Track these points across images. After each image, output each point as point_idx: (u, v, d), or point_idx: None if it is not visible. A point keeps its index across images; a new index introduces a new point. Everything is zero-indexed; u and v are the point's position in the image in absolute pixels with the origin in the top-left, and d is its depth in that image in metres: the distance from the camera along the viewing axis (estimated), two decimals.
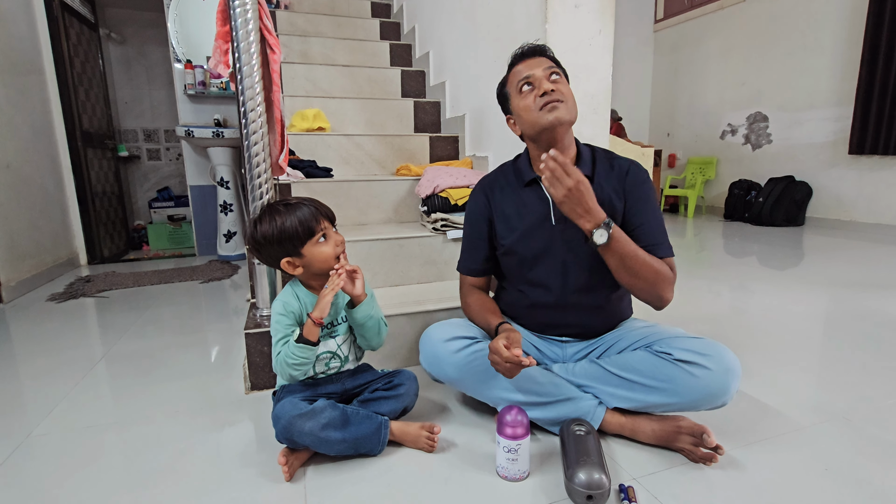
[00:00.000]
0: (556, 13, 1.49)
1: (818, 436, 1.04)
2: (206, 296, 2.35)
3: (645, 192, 1.06)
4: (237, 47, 1.23)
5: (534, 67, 1.05)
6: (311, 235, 0.99)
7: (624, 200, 1.06)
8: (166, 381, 1.39)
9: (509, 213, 1.13)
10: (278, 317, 1.01)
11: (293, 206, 1.00)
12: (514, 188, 1.15)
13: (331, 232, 1.02)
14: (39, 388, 1.36)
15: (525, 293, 1.14)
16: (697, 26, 5.10)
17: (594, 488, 0.80)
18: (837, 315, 1.86)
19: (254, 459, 0.99)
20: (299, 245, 0.99)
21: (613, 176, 1.08)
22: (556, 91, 1.02)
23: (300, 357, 0.97)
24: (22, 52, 2.67)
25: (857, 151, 3.74)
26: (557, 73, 1.05)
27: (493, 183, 1.19)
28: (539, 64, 1.05)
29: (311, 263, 1.01)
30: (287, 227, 0.97)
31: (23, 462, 1.02)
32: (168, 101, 4.15)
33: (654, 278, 0.97)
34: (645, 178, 1.08)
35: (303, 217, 0.98)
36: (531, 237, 1.10)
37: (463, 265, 1.22)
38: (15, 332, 1.88)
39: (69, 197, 3.07)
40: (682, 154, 5.44)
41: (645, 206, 1.05)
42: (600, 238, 0.93)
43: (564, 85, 1.05)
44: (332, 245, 1.01)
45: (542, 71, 1.04)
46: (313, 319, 0.97)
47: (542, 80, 1.03)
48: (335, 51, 2.87)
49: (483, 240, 1.18)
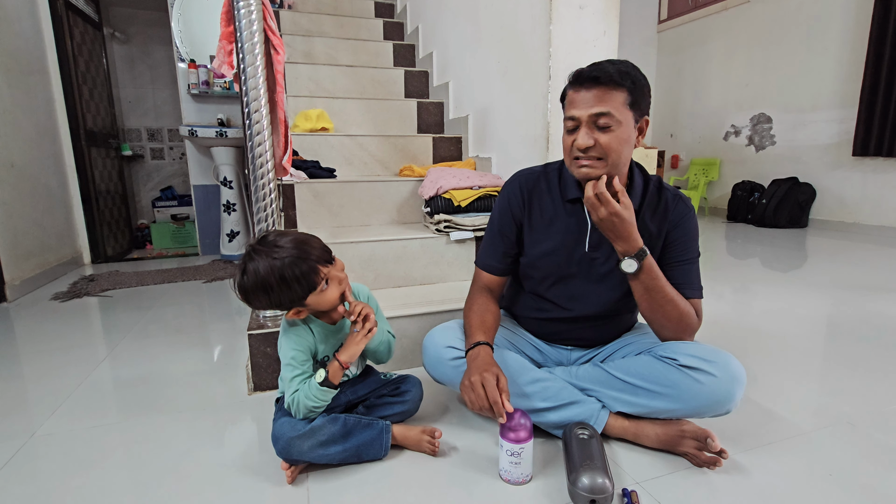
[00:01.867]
0: (561, 14, 1.49)
1: (822, 440, 1.04)
2: (209, 295, 2.35)
3: (688, 228, 1.02)
4: (241, 48, 1.23)
5: (580, 105, 0.91)
6: (313, 289, 0.90)
7: (665, 234, 1.02)
8: (169, 382, 1.39)
9: (541, 224, 1.07)
10: (293, 352, 0.95)
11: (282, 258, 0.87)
12: (553, 199, 1.07)
13: (332, 273, 0.93)
14: (43, 388, 1.37)
15: (537, 304, 1.12)
16: (701, 27, 5.08)
17: (597, 492, 0.80)
18: (841, 318, 1.85)
19: (256, 461, 1.00)
20: (298, 300, 0.91)
21: (658, 209, 1.03)
22: (594, 148, 0.91)
23: (322, 399, 0.93)
24: (26, 52, 2.68)
25: (862, 153, 3.72)
26: (608, 116, 0.89)
27: (534, 185, 1.09)
28: (587, 102, 0.90)
29: (317, 308, 0.95)
30: (284, 294, 0.88)
31: (27, 461, 1.02)
32: (172, 100, 4.16)
33: (678, 319, 0.97)
34: (689, 214, 1.03)
35: (300, 275, 0.88)
36: (558, 257, 1.05)
37: (482, 260, 1.14)
38: (19, 330, 1.89)
39: (73, 196, 3.08)
40: (685, 155, 5.43)
41: (683, 245, 1.02)
42: (629, 267, 0.93)
43: (612, 133, 0.90)
44: (335, 286, 0.93)
45: (587, 113, 0.90)
46: (341, 363, 0.94)
47: (582, 129, 0.91)
48: (338, 51, 2.87)
49: (509, 240, 1.10)
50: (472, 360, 0.96)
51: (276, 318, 1.34)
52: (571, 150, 0.94)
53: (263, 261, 0.87)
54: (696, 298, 1.02)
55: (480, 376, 0.89)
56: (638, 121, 0.94)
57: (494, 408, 0.87)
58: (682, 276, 1.01)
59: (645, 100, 0.94)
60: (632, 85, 0.90)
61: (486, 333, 1.01)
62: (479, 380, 0.89)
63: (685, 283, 1.01)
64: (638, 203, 1.01)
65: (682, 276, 1.01)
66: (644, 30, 5.61)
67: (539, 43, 1.55)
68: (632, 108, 0.92)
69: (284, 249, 0.88)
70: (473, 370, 0.92)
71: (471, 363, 0.95)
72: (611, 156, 0.92)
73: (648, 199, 1.03)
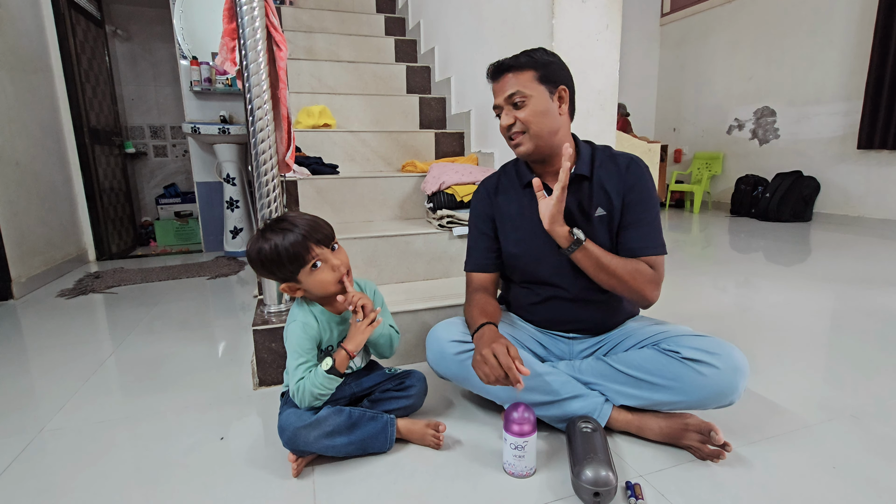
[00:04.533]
0: (564, 8, 1.49)
1: (826, 433, 1.04)
2: (213, 292, 2.37)
3: (642, 189, 1.06)
4: (244, 45, 1.23)
5: (497, 94, 1.06)
6: (302, 265, 0.93)
7: (623, 196, 1.06)
8: (175, 377, 1.40)
9: (511, 214, 1.15)
10: (300, 339, 0.96)
11: (280, 230, 0.93)
12: (515, 189, 1.16)
13: (327, 255, 0.95)
14: (51, 384, 1.38)
15: (534, 290, 1.14)
16: (704, 20, 5.05)
17: (601, 485, 0.81)
18: (845, 312, 1.84)
19: (262, 455, 1.01)
20: (291, 273, 0.94)
21: (614, 173, 1.08)
22: (515, 124, 1.04)
23: (328, 388, 0.94)
24: (30, 50, 2.69)
25: (867, 146, 3.70)
26: (518, 94, 1.02)
27: (496, 184, 1.20)
28: (502, 89, 1.05)
29: (311, 289, 0.97)
30: (276, 253, 0.92)
31: (36, 456, 1.03)
32: (174, 97, 4.17)
33: (633, 281, 1.01)
34: (643, 174, 1.07)
35: (288, 244, 0.91)
36: (534, 237, 1.10)
37: (470, 263, 1.21)
38: (26, 327, 1.90)
39: (77, 193, 3.09)
40: (688, 149, 5.40)
41: (640, 205, 1.05)
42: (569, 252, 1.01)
43: (529, 108, 1.02)
44: (328, 271, 0.95)
45: (503, 99, 1.05)
46: (348, 352, 0.95)
47: (504, 112, 1.05)
48: (340, 47, 2.86)
49: (489, 237, 1.18)
50: (478, 339, 0.98)
51: (282, 314, 1.35)
52: (504, 132, 1.07)
53: (265, 236, 0.94)
54: (653, 254, 1.05)
55: (491, 348, 0.91)
56: (553, 92, 1.04)
57: (510, 374, 0.88)
58: (643, 237, 1.05)
59: (554, 72, 1.04)
60: (535, 64, 1.02)
61: (489, 318, 1.04)
62: (489, 352, 0.91)
63: (645, 244, 1.05)
64: (588, 169, 1.08)
65: (643, 237, 1.05)
66: (647, 23, 5.58)
67: (542, 37, 1.55)
68: (542, 83, 1.02)
69: (286, 223, 0.94)
70: (483, 345, 0.94)
71: (478, 342, 0.97)
72: (531, 127, 1.03)
73: (598, 165, 1.09)
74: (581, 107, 1.57)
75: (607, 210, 1.06)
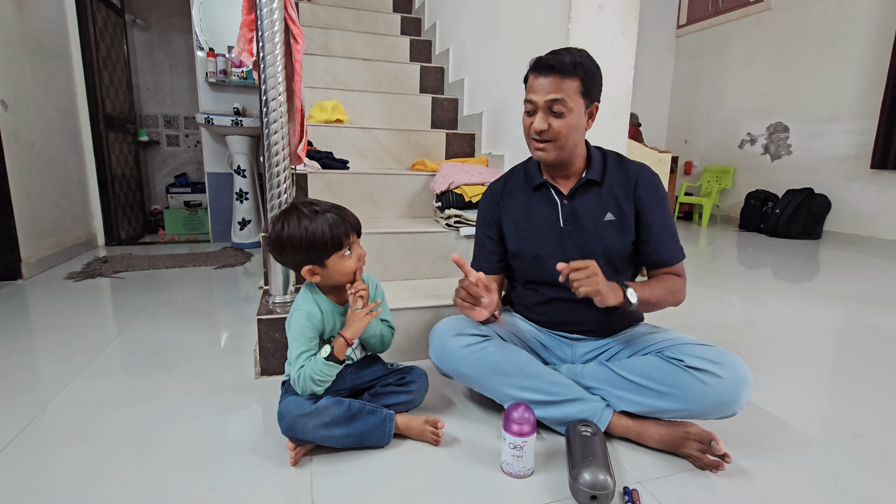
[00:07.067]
0: (580, 13, 1.49)
1: (828, 450, 1.03)
2: (218, 282, 2.38)
3: (656, 198, 1.08)
4: (261, 36, 1.24)
5: (538, 91, 1.00)
6: (339, 249, 0.96)
7: (634, 205, 1.08)
8: (178, 363, 1.41)
9: (518, 216, 1.15)
10: (302, 328, 0.98)
11: (322, 212, 0.95)
12: (523, 192, 1.17)
13: (356, 245, 1.00)
14: (56, 363, 1.39)
15: (539, 291, 1.15)
16: (720, 33, 5.03)
17: (599, 489, 0.80)
18: (852, 330, 1.83)
19: (261, 443, 1.01)
20: (325, 256, 0.96)
21: (624, 180, 1.09)
22: (547, 132, 1.01)
23: (328, 375, 0.96)
24: (50, 35, 2.72)
25: (880, 166, 3.67)
26: (561, 103, 0.98)
27: (503, 187, 1.21)
28: (545, 88, 0.99)
29: (332, 275, 0.98)
30: (317, 235, 0.93)
31: (38, 433, 1.04)
32: (189, 88, 4.20)
33: (673, 298, 1.07)
34: (655, 183, 1.09)
35: (335, 230, 0.94)
36: (541, 239, 1.12)
37: (474, 264, 1.23)
38: (34, 307, 1.92)
39: (90, 178, 3.12)
40: (698, 162, 5.38)
41: (655, 215, 1.08)
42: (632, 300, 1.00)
43: (564, 119, 0.99)
44: (354, 259, 0.99)
45: (543, 99, 1.00)
46: (346, 340, 0.96)
47: (538, 113, 1.02)
48: (355, 44, 2.88)
49: (493, 241, 1.20)
50: None
51: (286, 305, 1.36)
52: (530, 131, 1.05)
53: (305, 214, 0.95)
54: (679, 262, 1.10)
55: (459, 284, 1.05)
56: (588, 107, 1.03)
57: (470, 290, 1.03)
58: (662, 244, 1.08)
59: (595, 88, 1.03)
60: (584, 74, 0.99)
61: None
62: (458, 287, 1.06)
63: (671, 254, 1.09)
64: (600, 175, 1.09)
65: (663, 245, 1.08)
66: (662, 34, 5.57)
67: (557, 41, 1.55)
68: (584, 96, 1.01)
69: (324, 205, 0.97)
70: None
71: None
72: (560, 139, 1.02)
73: (610, 172, 1.10)
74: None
75: (617, 215, 1.08)
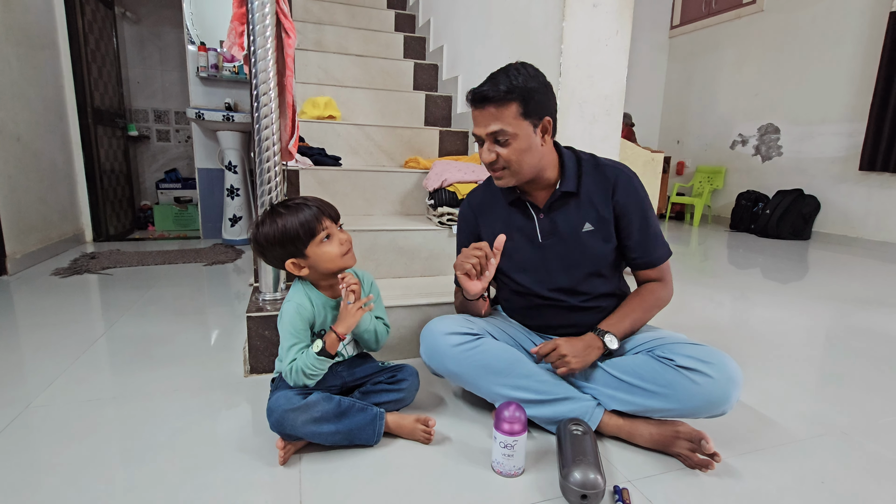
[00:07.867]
0: (574, 11, 1.49)
1: (815, 449, 1.04)
2: (208, 278, 2.36)
3: (636, 201, 1.05)
4: (252, 30, 1.22)
5: (479, 124, 0.99)
6: (313, 236, 0.97)
7: (614, 210, 1.06)
8: (166, 361, 1.39)
9: (497, 230, 1.12)
10: (292, 319, 0.99)
11: (295, 206, 0.98)
12: (501, 205, 1.15)
13: (335, 230, 1.01)
14: (41, 361, 1.37)
15: (527, 297, 1.14)
16: (714, 34, 5.06)
17: (589, 488, 0.80)
18: (839, 330, 1.85)
19: (250, 442, 1.00)
20: (302, 246, 0.98)
21: (602, 187, 1.06)
22: (497, 161, 1.00)
23: (319, 368, 0.97)
24: (37, 26, 2.67)
25: (869, 168, 3.71)
26: (502, 133, 0.96)
27: (480, 199, 1.19)
28: (484, 121, 0.97)
29: (317, 264, 0.99)
30: (288, 228, 0.96)
31: (21, 431, 1.02)
32: (180, 82, 4.15)
33: (655, 311, 1.09)
34: (634, 185, 1.06)
35: (304, 218, 0.97)
36: (522, 254, 1.11)
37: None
38: (18, 304, 1.89)
39: (77, 173, 3.08)
40: (690, 162, 5.41)
41: (636, 218, 1.05)
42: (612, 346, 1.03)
43: (512, 147, 0.97)
44: (336, 244, 1.00)
45: (484, 132, 0.98)
46: (338, 335, 0.97)
47: (485, 145, 1.00)
48: (349, 40, 2.86)
49: None
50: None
51: (277, 302, 1.34)
52: (485, 166, 1.04)
53: (279, 212, 0.98)
54: (664, 261, 1.09)
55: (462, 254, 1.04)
56: (537, 125, 0.98)
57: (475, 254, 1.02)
58: (645, 245, 1.07)
59: (538, 105, 0.97)
60: (521, 97, 0.94)
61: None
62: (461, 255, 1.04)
63: (650, 253, 1.08)
64: (575, 185, 1.06)
65: (646, 247, 1.07)
66: (656, 34, 5.59)
67: (551, 40, 1.55)
68: (526, 118, 0.96)
69: (298, 200, 1.00)
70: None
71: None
72: (512, 166, 1.00)
73: (585, 178, 1.07)
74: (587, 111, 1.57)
75: (596, 223, 1.06)
